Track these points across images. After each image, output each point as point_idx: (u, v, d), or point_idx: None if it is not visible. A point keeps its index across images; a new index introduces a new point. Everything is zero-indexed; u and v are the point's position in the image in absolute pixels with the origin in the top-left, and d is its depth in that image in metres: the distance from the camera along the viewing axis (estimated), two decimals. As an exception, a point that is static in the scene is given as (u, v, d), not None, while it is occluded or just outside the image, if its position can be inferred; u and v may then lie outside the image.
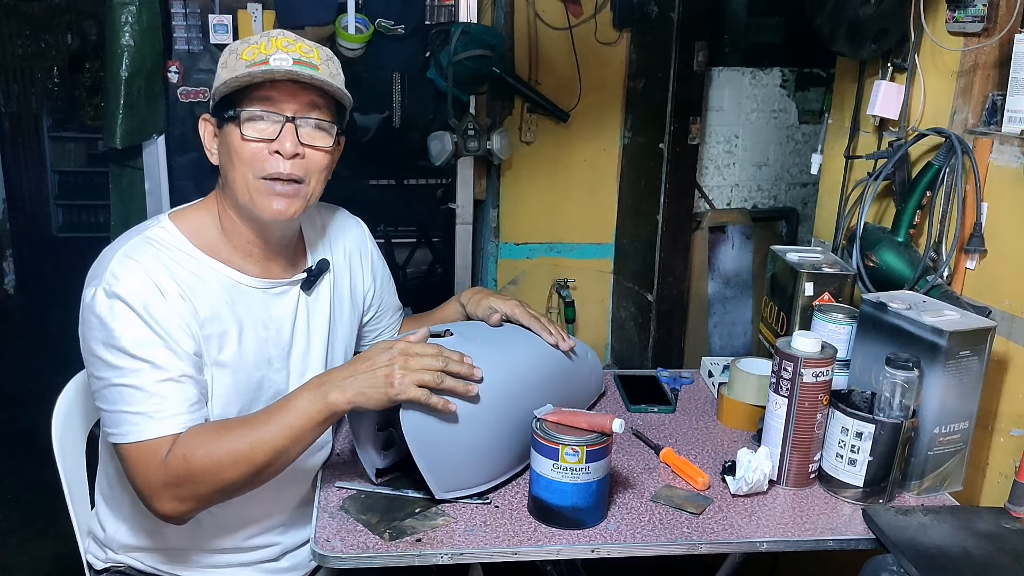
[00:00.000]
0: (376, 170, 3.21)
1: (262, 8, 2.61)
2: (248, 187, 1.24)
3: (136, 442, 1.17)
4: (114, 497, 1.37)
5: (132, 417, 1.17)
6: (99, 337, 1.18)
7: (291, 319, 1.36)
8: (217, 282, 1.27)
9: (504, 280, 3.09)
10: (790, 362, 1.30)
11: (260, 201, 1.24)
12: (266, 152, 1.23)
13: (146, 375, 1.17)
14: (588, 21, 2.88)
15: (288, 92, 1.23)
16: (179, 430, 1.18)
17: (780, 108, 3.05)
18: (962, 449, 1.36)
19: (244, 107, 1.22)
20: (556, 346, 1.45)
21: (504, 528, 1.21)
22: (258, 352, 1.31)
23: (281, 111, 1.23)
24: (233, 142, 1.23)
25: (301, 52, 1.23)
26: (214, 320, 1.25)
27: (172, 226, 1.28)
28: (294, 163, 1.24)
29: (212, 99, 1.27)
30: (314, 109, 1.25)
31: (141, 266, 1.20)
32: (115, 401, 1.18)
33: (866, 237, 1.72)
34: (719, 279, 3.08)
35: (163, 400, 1.17)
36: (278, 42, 1.23)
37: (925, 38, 1.67)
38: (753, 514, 1.28)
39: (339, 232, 1.49)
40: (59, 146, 5.79)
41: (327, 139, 1.27)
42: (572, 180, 3.03)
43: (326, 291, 1.42)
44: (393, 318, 1.61)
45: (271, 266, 1.34)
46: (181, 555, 1.36)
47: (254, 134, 1.22)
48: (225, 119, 1.24)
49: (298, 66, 1.21)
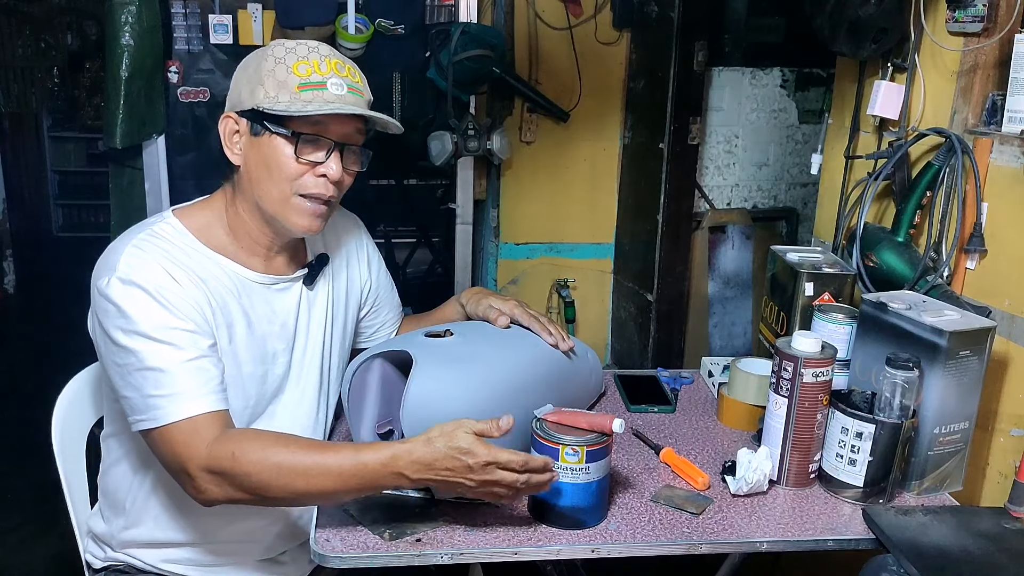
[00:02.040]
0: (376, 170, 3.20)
1: (262, 8, 2.61)
2: (284, 201, 1.27)
3: (170, 423, 1.16)
4: (116, 493, 1.38)
5: (160, 401, 1.16)
6: (118, 324, 1.18)
7: (294, 314, 1.37)
8: (224, 275, 1.29)
9: (504, 280, 3.09)
10: (790, 362, 1.30)
11: (292, 217, 1.28)
12: (310, 172, 1.25)
13: (169, 356, 1.17)
14: (588, 21, 2.88)
15: (340, 120, 1.26)
16: (210, 408, 1.17)
17: (780, 108, 3.05)
18: (962, 449, 1.36)
19: (298, 128, 1.24)
20: (556, 346, 1.45)
21: (504, 528, 1.21)
22: (263, 347, 1.32)
23: (330, 136, 1.26)
24: (278, 156, 1.25)
25: (351, 76, 1.28)
26: (223, 310, 1.27)
27: (177, 222, 1.29)
28: (333, 186, 1.28)
29: (255, 105, 1.24)
30: (357, 135, 1.30)
31: (151, 256, 1.22)
32: (140, 387, 1.17)
33: (866, 237, 1.72)
34: (719, 279, 3.08)
35: (189, 379, 1.17)
36: (332, 64, 1.26)
37: (925, 38, 1.67)
38: (753, 514, 1.28)
39: (335, 226, 1.50)
40: (59, 146, 5.79)
41: (361, 164, 1.32)
42: (572, 180, 3.03)
43: (324, 285, 1.43)
44: (391, 314, 1.62)
45: (275, 263, 1.36)
46: (180, 551, 1.36)
47: (306, 157, 1.25)
48: (270, 131, 1.24)
49: (352, 94, 1.26)
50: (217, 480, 1.16)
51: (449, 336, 1.35)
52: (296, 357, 1.38)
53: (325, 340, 1.42)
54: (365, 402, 1.39)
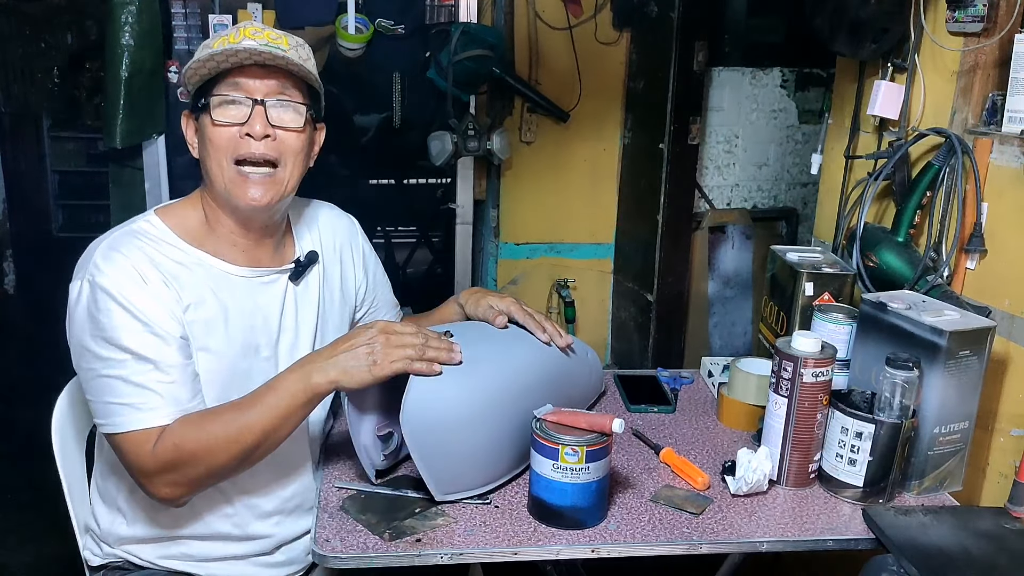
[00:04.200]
0: (376, 170, 3.21)
1: (262, 8, 2.61)
2: (223, 175, 1.26)
3: (124, 432, 1.20)
4: (108, 489, 1.38)
5: (119, 408, 1.19)
6: (85, 328, 1.20)
7: (279, 308, 1.37)
8: (202, 270, 1.29)
9: (504, 280, 3.09)
10: (790, 362, 1.30)
11: (235, 191, 1.27)
12: (238, 136, 1.25)
13: (131, 366, 1.19)
14: (588, 21, 2.89)
15: (256, 75, 1.25)
16: (164, 422, 1.20)
17: (780, 108, 3.05)
18: (962, 449, 1.36)
19: (214, 94, 1.25)
20: (550, 343, 1.45)
21: (504, 528, 1.21)
22: (244, 340, 1.32)
23: (250, 94, 1.25)
24: (206, 130, 1.26)
25: (269, 39, 1.26)
26: (199, 306, 1.27)
27: (158, 220, 1.31)
28: (267, 144, 1.26)
29: (189, 94, 1.30)
30: (283, 91, 1.27)
31: (124, 256, 1.22)
32: (102, 392, 1.20)
33: (866, 237, 1.72)
34: (719, 279, 3.08)
35: (148, 391, 1.19)
36: (246, 31, 1.26)
37: (925, 38, 1.67)
38: (753, 514, 1.28)
39: (329, 226, 1.50)
40: (59, 146, 5.77)
41: (298, 119, 1.29)
42: (572, 180, 3.03)
43: (315, 283, 1.43)
44: (389, 314, 1.61)
45: (257, 255, 1.36)
46: (176, 546, 1.36)
47: (224, 119, 1.24)
48: (199, 108, 1.27)
49: (266, 47, 1.23)
50: (170, 478, 1.20)
51: (449, 337, 1.35)
52: (282, 351, 1.37)
53: (316, 339, 1.42)
54: (365, 404, 1.39)
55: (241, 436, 1.20)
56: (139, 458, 1.20)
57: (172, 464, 1.19)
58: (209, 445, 1.19)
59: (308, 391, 1.21)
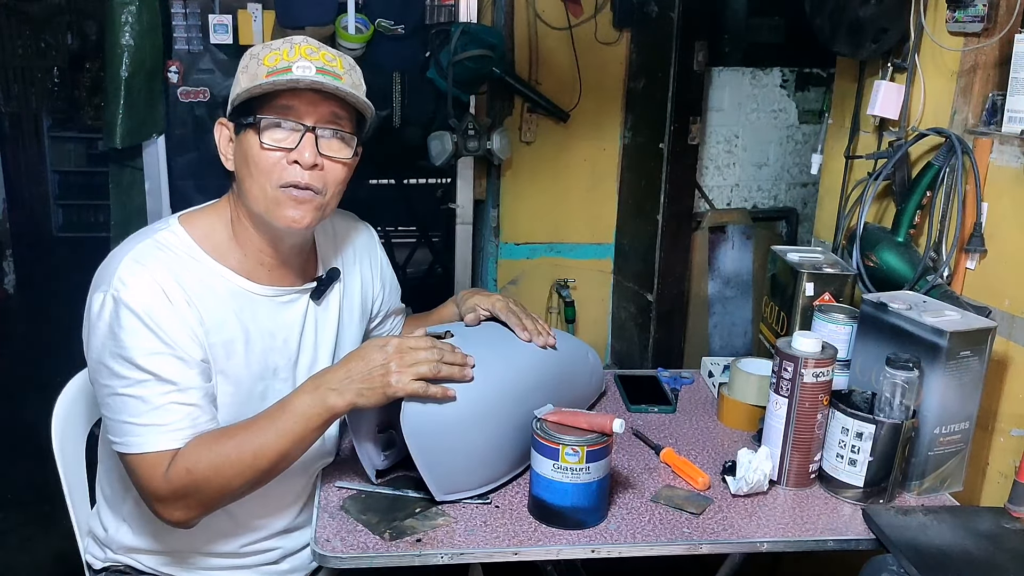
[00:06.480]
0: (376, 170, 3.21)
1: (262, 8, 2.61)
2: (265, 197, 1.22)
3: (138, 453, 1.17)
4: (115, 498, 1.37)
5: (135, 428, 1.17)
6: (106, 345, 1.17)
7: (299, 328, 1.34)
8: (225, 290, 1.26)
9: (504, 280, 3.09)
10: (790, 362, 1.30)
11: (276, 211, 1.23)
12: (284, 162, 1.21)
13: (151, 387, 1.17)
14: (588, 21, 2.88)
15: (309, 101, 1.21)
16: (179, 445, 1.18)
17: (780, 108, 3.05)
18: (962, 449, 1.36)
19: (263, 114, 1.20)
20: (531, 341, 1.42)
21: (504, 528, 1.21)
22: (263, 362, 1.30)
23: (301, 120, 1.21)
24: (251, 150, 1.21)
25: (324, 60, 1.22)
26: (220, 328, 1.24)
27: (182, 230, 1.27)
28: (312, 174, 1.22)
29: (231, 104, 1.25)
30: (335, 120, 1.23)
31: (149, 271, 1.19)
32: (119, 410, 1.18)
33: (866, 237, 1.72)
34: (719, 279, 3.08)
35: (166, 414, 1.17)
36: (302, 49, 1.21)
37: (925, 38, 1.67)
38: (753, 514, 1.28)
39: (349, 239, 1.48)
40: (59, 146, 5.78)
41: (346, 151, 1.26)
42: (572, 180, 3.03)
43: (335, 300, 1.41)
44: (396, 320, 1.61)
45: (281, 274, 1.32)
46: (181, 557, 1.35)
47: (273, 143, 1.20)
48: (243, 125, 1.22)
49: (321, 75, 1.19)
50: (183, 503, 1.18)
51: (450, 337, 1.35)
52: (300, 372, 1.35)
53: (336, 356, 1.39)
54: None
55: (255, 461, 1.18)
56: (151, 481, 1.17)
57: (184, 490, 1.17)
58: (222, 470, 1.17)
59: (324, 414, 1.19)
